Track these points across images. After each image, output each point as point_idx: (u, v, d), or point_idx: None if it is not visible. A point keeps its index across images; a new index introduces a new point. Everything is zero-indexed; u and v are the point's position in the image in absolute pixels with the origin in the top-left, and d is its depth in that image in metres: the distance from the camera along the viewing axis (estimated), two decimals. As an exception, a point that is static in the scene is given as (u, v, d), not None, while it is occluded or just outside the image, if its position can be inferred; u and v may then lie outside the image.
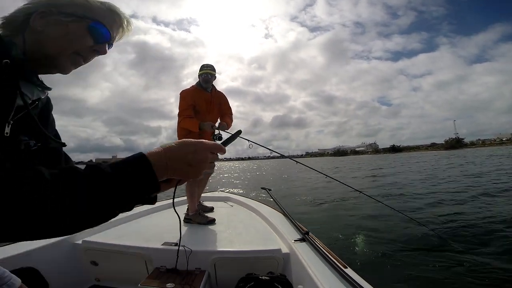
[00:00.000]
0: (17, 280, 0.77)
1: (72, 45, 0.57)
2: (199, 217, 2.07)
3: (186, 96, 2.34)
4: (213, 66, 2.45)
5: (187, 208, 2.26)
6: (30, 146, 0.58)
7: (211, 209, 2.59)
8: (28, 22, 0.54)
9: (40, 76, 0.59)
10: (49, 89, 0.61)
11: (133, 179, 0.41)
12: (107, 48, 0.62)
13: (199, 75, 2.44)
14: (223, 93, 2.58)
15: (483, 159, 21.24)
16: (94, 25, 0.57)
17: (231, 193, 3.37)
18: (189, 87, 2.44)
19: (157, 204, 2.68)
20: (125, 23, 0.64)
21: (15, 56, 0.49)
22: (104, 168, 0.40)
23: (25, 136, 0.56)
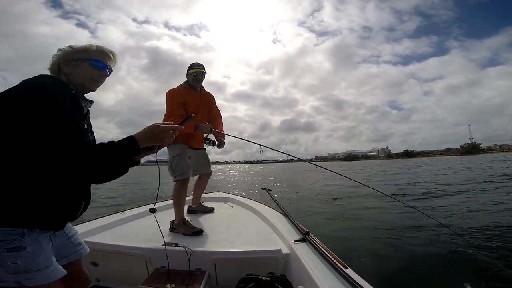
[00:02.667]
0: (87, 250, 1.12)
1: (86, 76, 0.96)
2: (183, 226, 1.89)
3: (176, 95, 2.16)
4: (203, 65, 2.28)
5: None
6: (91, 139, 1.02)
7: (211, 210, 2.58)
8: (59, 68, 0.94)
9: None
10: (92, 102, 1.03)
11: (129, 144, 0.86)
12: (108, 72, 1.02)
13: (188, 74, 2.27)
14: (211, 94, 2.45)
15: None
16: (93, 62, 0.96)
17: (231, 193, 3.37)
18: (177, 86, 2.28)
19: (157, 204, 2.68)
20: (111, 55, 1.02)
21: (72, 88, 0.91)
22: (117, 142, 0.86)
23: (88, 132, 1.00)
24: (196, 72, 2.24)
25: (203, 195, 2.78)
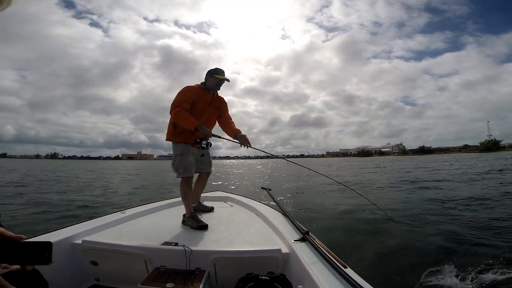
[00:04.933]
0: None
1: None
2: (191, 220, 2.01)
3: (189, 91, 2.22)
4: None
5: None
6: None
7: (211, 209, 2.58)
8: None
9: None
10: None
11: None
12: None
13: (212, 77, 2.30)
14: (223, 98, 2.50)
15: None
16: None
17: (231, 193, 3.36)
18: (193, 84, 2.32)
19: (157, 204, 2.68)
20: None
21: None
22: None
23: None
24: (222, 79, 2.31)
25: (203, 194, 2.78)
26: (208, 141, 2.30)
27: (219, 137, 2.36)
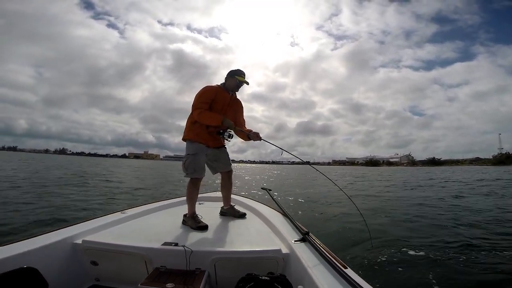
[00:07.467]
0: None
1: None
2: (191, 220, 2.04)
3: (209, 91, 2.23)
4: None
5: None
6: None
7: (242, 215, 2.37)
8: None
9: None
10: None
11: None
12: None
13: (232, 78, 2.30)
14: (241, 101, 2.47)
15: None
16: None
17: (231, 193, 3.36)
18: (214, 84, 2.33)
19: (157, 204, 2.67)
20: None
21: None
22: None
23: None
24: (242, 81, 2.31)
25: (202, 195, 2.77)
26: (230, 133, 2.29)
27: (241, 130, 2.32)
